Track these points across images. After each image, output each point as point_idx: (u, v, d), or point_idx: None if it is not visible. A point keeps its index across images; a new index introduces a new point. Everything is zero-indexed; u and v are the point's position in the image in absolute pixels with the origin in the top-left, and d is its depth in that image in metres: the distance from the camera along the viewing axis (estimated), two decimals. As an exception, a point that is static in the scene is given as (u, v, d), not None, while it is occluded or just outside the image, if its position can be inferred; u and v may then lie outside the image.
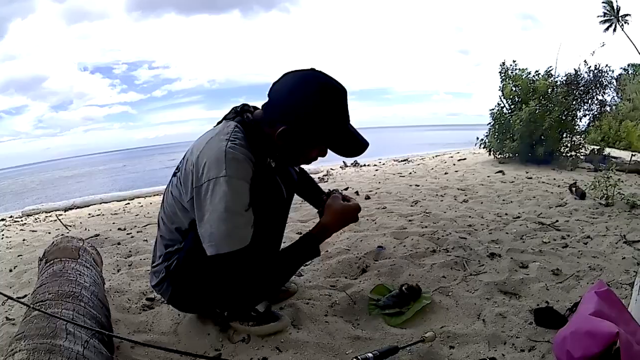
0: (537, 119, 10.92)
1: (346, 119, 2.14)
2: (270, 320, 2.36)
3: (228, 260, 1.98)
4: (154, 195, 9.40)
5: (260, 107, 2.23)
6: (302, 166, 2.74)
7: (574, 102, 11.66)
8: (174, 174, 2.26)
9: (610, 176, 5.74)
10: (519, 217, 4.93)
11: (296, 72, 2.11)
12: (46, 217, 7.81)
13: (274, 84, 2.12)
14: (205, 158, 1.99)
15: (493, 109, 12.62)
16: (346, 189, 7.31)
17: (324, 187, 2.86)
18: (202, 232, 2.02)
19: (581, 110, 12.15)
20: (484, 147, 12.76)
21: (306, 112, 2.04)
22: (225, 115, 2.24)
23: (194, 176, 2.02)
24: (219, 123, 2.24)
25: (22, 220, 7.69)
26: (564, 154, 11.52)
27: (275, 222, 2.35)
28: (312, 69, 2.11)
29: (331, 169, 12.03)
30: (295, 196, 2.71)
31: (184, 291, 2.28)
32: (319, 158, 2.25)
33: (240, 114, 2.21)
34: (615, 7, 48.05)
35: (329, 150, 2.19)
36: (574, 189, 6.46)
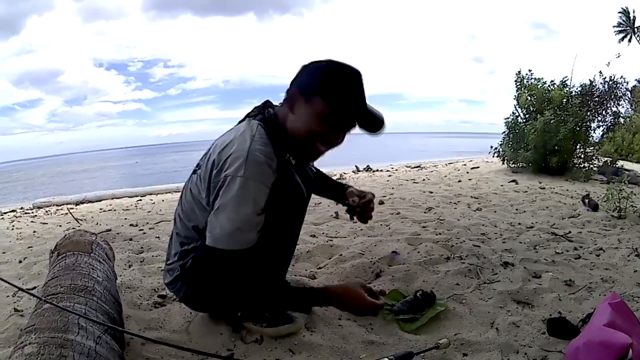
0: (552, 129, 10.89)
1: (358, 95, 2.13)
2: (284, 322, 2.34)
3: (222, 256, 1.99)
4: (167, 193, 9.41)
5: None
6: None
7: (588, 113, 11.63)
8: (194, 172, 2.26)
9: (623, 189, 5.72)
10: (532, 227, 4.90)
11: (314, 61, 2.16)
12: (57, 210, 7.84)
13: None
14: (227, 156, 1.99)
15: (508, 118, 12.62)
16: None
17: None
18: (209, 219, 2.04)
19: (595, 121, 12.13)
20: (497, 156, 12.76)
21: (318, 76, 2.09)
22: (248, 114, 2.25)
23: (214, 172, 2.04)
24: (241, 121, 2.24)
25: (33, 212, 7.73)
26: (577, 165, 11.48)
27: (293, 224, 2.34)
28: (330, 59, 2.15)
29: (344, 172, 12.03)
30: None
31: (198, 290, 2.28)
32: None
33: (262, 111, 2.23)
34: (631, 18, 47.86)
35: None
36: (586, 200, 6.43)
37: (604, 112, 12.10)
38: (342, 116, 2.10)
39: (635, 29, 47.67)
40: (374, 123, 2.18)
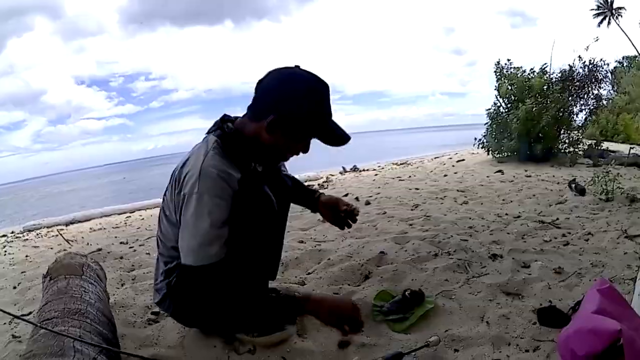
0: (534, 117, 10.95)
1: (330, 112, 2.16)
2: (275, 329, 2.36)
3: (194, 272, 2.00)
4: (155, 208, 9.31)
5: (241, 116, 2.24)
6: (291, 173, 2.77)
7: (569, 98, 11.68)
8: (165, 194, 2.28)
9: (609, 171, 5.75)
10: (519, 216, 4.94)
11: (281, 69, 2.15)
12: (47, 232, 7.74)
13: (260, 81, 2.14)
14: (184, 175, 2.04)
15: (489, 109, 12.68)
16: (346, 195, 7.28)
17: (326, 192, 2.87)
18: (179, 239, 2.08)
19: (577, 105, 12.18)
20: (482, 147, 12.80)
21: (296, 103, 2.06)
22: (208, 130, 2.26)
23: (175, 191, 2.08)
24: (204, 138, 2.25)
25: (23, 236, 7.66)
26: (562, 151, 11.58)
27: (267, 234, 2.31)
28: (297, 66, 2.14)
29: (331, 174, 11.97)
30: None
31: (185, 306, 2.29)
32: (302, 157, 2.26)
33: (220, 126, 2.23)
34: (609, 0, 47.92)
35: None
36: (573, 185, 6.48)
37: (585, 96, 12.15)
38: (309, 135, 2.16)
39: (614, 11, 47.72)
40: (337, 139, 2.18)
